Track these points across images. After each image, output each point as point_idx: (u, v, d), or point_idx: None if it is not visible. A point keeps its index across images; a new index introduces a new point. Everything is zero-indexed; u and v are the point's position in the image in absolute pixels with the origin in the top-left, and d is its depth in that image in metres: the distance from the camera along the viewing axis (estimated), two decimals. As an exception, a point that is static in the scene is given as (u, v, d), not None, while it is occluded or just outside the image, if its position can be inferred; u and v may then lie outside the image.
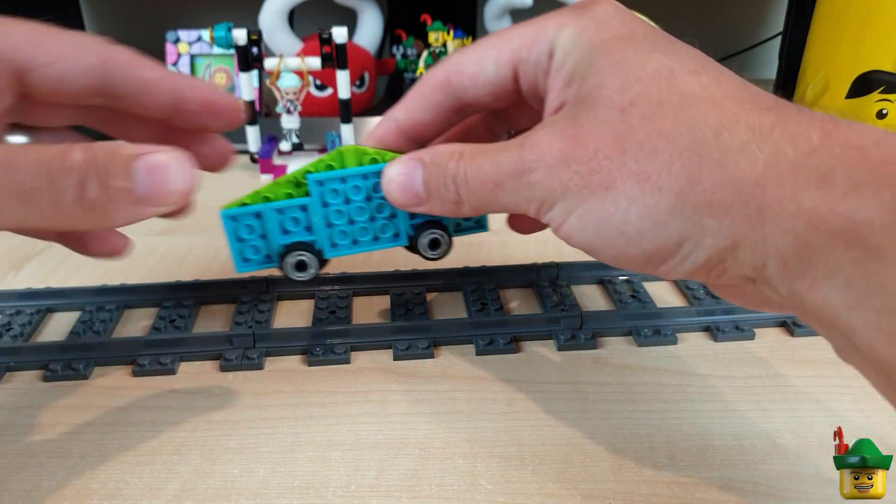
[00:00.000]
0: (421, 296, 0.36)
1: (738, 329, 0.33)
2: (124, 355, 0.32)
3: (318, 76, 0.65)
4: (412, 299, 0.36)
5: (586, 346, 0.32)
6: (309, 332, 0.33)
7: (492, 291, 0.36)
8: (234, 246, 0.28)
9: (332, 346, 0.32)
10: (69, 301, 0.36)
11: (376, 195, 0.28)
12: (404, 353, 0.32)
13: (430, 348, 0.32)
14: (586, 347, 0.32)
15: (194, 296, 0.36)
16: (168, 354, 0.31)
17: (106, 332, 0.34)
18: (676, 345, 0.33)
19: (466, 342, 0.33)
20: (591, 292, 0.38)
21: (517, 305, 0.36)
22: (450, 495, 0.24)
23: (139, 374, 0.31)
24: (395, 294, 0.37)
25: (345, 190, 0.28)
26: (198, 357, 0.32)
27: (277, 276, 0.37)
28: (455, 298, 0.37)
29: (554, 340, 0.33)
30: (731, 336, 0.33)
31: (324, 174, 0.27)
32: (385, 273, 0.38)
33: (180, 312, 0.35)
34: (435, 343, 0.33)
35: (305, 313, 0.36)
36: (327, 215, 0.28)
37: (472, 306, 0.35)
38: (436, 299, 0.37)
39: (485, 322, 0.33)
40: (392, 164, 0.26)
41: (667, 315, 0.34)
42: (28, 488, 0.25)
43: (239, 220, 0.28)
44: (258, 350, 0.32)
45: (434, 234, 0.29)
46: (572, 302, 0.36)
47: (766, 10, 0.88)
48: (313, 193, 0.27)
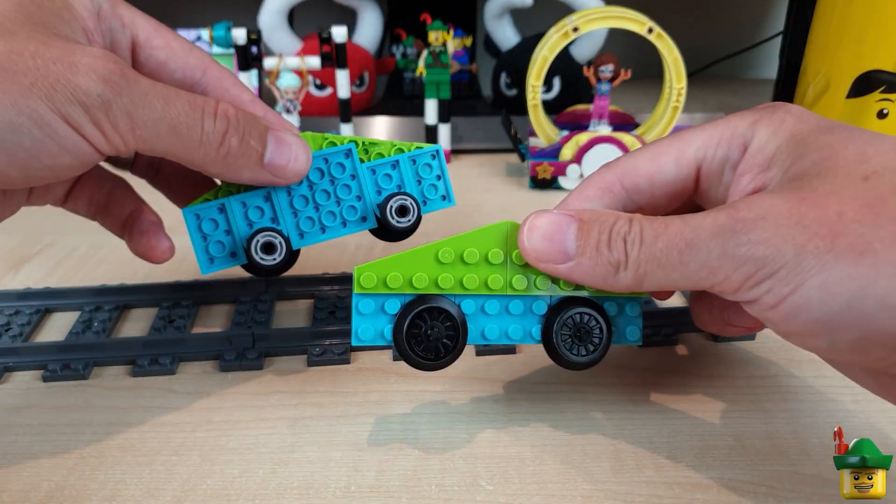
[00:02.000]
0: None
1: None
2: (123, 355, 0.32)
3: (317, 75, 0.65)
4: None
5: None
6: (308, 332, 0.33)
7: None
8: (198, 245, 0.28)
9: (332, 346, 0.32)
10: (68, 301, 0.36)
11: (340, 178, 0.28)
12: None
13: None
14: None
15: (193, 296, 0.36)
16: (167, 355, 0.31)
17: (105, 332, 0.34)
18: (677, 345, 0.33)
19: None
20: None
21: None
22: (450, 496, 0.24)
23: (138, 374, 0.31)
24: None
25: (307, 174, 0.28)
26: (197, 357, 0.32)
27: (277, 276, 0.37)
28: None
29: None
30: (731, 337, 0.33)
31: None
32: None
33: (179, 313, 0.35)
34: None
35: (305, 313, 0.36)
36: (291, 202, 0.28)
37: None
38: None
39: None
40: (540, 214, 0.23)
41: (667, 315, 0.34)
42: (28, 488, 0.25)
43: (202, 217, 0.28)
44: (257, 350, 0.32)
45: (402, 199, 0.29)
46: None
47: (767, 10, 0.88)
48: None
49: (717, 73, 0.89)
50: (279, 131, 0.26)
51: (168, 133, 0.23)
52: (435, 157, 0.31)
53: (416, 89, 0.75)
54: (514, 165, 0.60)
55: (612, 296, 0.26)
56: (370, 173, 0.30)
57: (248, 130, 0.24)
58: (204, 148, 0.24)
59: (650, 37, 0.48)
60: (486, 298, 0.25)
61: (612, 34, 0.59)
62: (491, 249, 0.25)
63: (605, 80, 0.50)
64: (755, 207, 0.19)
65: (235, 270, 0.40)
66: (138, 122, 0.22)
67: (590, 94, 0.52)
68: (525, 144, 0.54)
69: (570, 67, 0.66)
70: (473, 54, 0.75)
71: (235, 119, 0.24)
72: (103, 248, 0.43)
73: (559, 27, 0.49)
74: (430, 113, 0.56)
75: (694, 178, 0.25)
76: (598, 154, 0.51)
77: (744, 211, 0.20)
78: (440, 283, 0.25)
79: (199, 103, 0.23)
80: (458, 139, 0.61)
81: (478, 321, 0.26)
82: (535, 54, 0.50)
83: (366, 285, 0.25)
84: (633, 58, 0.56)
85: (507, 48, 0.70)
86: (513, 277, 0.25)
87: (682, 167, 0.24)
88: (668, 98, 0.50)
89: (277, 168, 0.26)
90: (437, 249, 0.25)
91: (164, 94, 0.23)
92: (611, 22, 0.48)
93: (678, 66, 0.48)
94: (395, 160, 0.30)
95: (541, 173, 0.53)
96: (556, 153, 0.52)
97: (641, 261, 0.21)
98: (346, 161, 0.29)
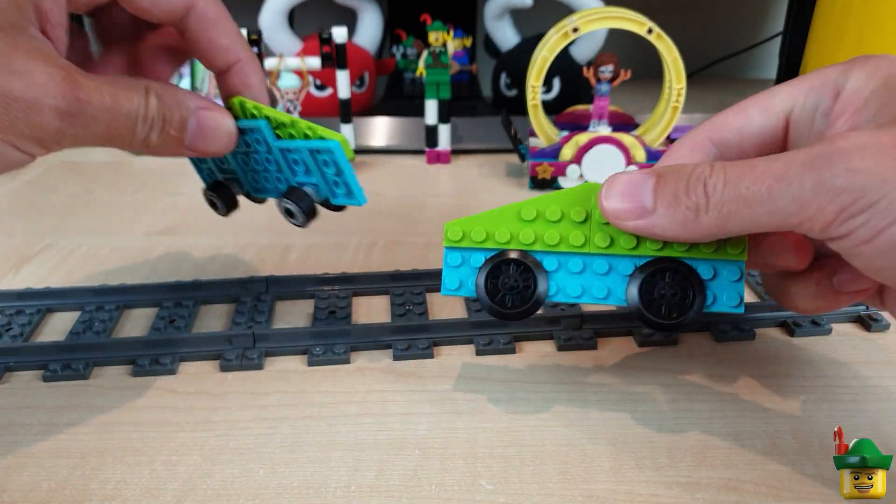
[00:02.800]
0: (421, 296, 0.36)
1: (738, 329, 0.33)
2: (124, 355, 0.32)
3: (317, 76, 0.65)
4: (412, 299, 0.36)
5: (586, 347, 0.32)
6: (309, 332, 0.33)
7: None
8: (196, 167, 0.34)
9: (332, 346, 0.32)
10: (69, 301, 0.36)
11: (261, 152, 0.30)
12: (404, 353, 0.32)
13: (429, 348, 0.32)
14: (586, 348, 0.32)
15: (194, 296, 0.36)
16: (167, 355, 0.31)
17: (105, 332, 0.34)
18: (676, 346, 0.33)
19: (466, 342, 0.33)
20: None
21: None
22: (450, 495, 0.24)
23: (139, 374, 0.31)
24: (395, 294, 0.37)
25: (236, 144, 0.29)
26: (197, 357, 0.32)
27: (277, 276, 0.37)
28: (454, 299, 0.37)
29: (554, 341, 0.33)
30: (731, 336, 0.33)
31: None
32: (385, 273, 0.38)
33: (180, 312, 0.35)
34: (435, 343, 0.33)
35: (305, 313, 0.36)
36: (243, 160, 0.31)
37: (471, 307, 0.35)
38: (435, 299, 0.37)
39: (484, 322, 0.33)
40: (618, 174, 0.23)
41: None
42: (28, 488, 0.25)
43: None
44: (258, 350, 0.32)
45: (287, 204, 0.30)
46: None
47: (767, 10, 0.88)
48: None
49: (717, 73, 0.89)
50: (203, 111, 0.27)
51: (103, 140, 0.25)
52: (328, 154, 0.28)
53: (417, 90, 0.75)
54: (514, 166, 0.60)
55: (708, 258, 0.25)
56: (281, 154, 0.30)
57: (170, 120, 0.26)
58: (131, 146, 0.26)
59: (650, 37, 0.48)
60: (568, 256, 0.26)
61: (612, 34, 0.59)
62: (573, 209, 0.26)
63: (605, 80, 0.50)
64: (853, 138, 0.19)
65: (235, 271, 0.41)
66: (81, 139, 0.24)
67: (589, 95, 0.52)
68: (525, 145, 0.54)
69: (569, 68, 0.66)
70: (473, 55, 0.75)
71: (158, 113, 0.25)
72: (103, 249, 0.43)
73: (559, 28, 0.50)
74: (431, 113, 0.57)
75: (783, 128, 0.24)
76: (597, 154, 0.51)
77: (841, 141, 0.19)
78: (521, 239, 0.26)
79: (134, 112, 0.25)
80: (458, 139, 0.61)
81: (560, 278, 0.26)
82: (535, 55, 0.50)
83: (453, 239, 0.27)
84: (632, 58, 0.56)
85: (507, 49, 0.70)
86: (595, 235, 0.26)
87: (769, 117, 0.24)
88: (668, 98, 0.50)
89: (197, 149, 0.27)
90: (519, 208, 0.26)
91: (108, 107, 0.24)
92: (610, 22, 0.48)
93: (678, 66, 0.48)
94: (298, 147, 0.29)
95: (541, 173, 0.53)
96: (555, 153, 0.52)
97: (725, 200, 0.20)
98: (259, 137, 0.29)
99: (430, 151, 0.58)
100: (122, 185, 0.55)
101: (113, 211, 0.50)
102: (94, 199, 0.53)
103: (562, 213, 0.26)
